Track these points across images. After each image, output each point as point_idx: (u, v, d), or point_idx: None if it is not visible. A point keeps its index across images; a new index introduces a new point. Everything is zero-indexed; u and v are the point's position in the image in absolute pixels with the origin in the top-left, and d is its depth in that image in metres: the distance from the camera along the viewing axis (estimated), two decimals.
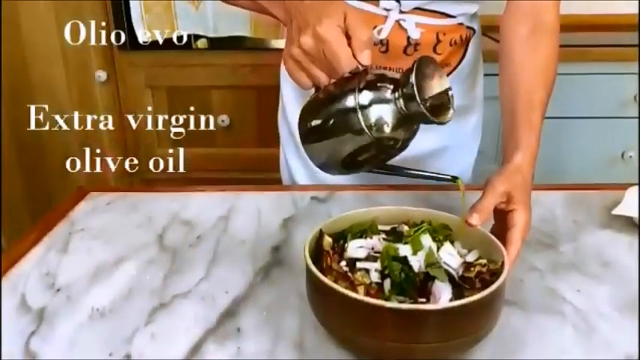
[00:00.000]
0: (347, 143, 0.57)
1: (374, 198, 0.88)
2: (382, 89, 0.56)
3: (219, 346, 0.55)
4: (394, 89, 0.55)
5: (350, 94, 0.56)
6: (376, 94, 0.55)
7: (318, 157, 0.62)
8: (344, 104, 0.56)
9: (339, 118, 0.57)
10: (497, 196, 0.61)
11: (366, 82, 0.56)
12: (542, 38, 0.75)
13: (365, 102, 0.55)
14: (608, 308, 0.62)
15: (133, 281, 0.66)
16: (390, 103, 0.55)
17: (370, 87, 0.56)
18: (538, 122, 0.69)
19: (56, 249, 0.74)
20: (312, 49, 0.55)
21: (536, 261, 0.70)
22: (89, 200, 0.88)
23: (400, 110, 0.55)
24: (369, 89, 0.55)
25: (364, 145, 0.57)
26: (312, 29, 0.55)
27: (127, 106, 1.75)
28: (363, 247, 0.57)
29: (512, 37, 0.76)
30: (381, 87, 0.56)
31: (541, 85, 0.71)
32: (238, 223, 0.80)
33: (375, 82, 0.56)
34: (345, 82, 0.57)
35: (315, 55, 0.56)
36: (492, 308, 0.51)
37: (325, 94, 0.59)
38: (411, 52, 0.82)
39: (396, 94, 0.55)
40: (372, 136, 0.56)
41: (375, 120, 0.55)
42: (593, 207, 0.85)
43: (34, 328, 0.58)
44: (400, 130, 0.57)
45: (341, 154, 0.59)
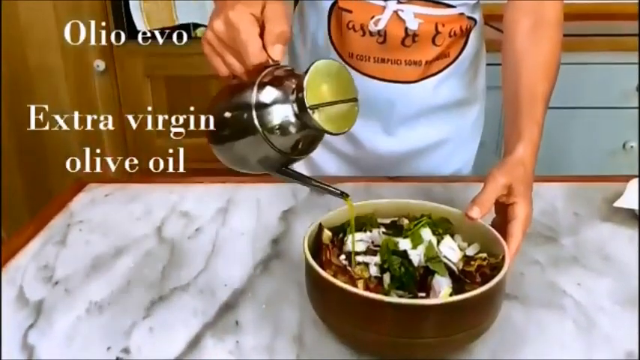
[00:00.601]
0: (243, 143, 0.53)
1: (374, 190, 0.87)
2: (284, 89, 0.51)
3: (217, 341, 0.55)
4: (293, 90, 0.50)
5: (248, 88, 0.51)
6: (275, 93, 0.51)
7: (219, 152, 0.57)
8: (242, 99, 0.52)
9: (236, 113, 0.52)
10: (498, 189, 0.60)
11: (271, 78, 0.52)
12: (545, 31, 0.74)
13: (263, 99, 0.51)
14: (609, 302, 0.61)
15: (132, 274, 0.66)
16: (287, 105, 0.50)
17: (272, 84, 0.51)
18: (541, 115, 0.68)
19: (54, 241, 0.73)
20: (223, 34, 0.53)
21: (536, 254, 0.69)
22: (87, 192, 0.87)
23: (294, 114, 0.50)
24: (270, 86, 0.51)
25: (259, 147, 0.52)
26: (225, 14, 0.52)
27: (125, 95, 1.74)
28: (362, 240, 0.57)
29: (515, 31, 0.75)
30: (284, 86, 0.51)
31: (544, 78, 0.71)
32: (237, 215, 0.80)
33: (279, 80, 0.52)
34: (251, 75, 0.53)
35: (227, 42, 0.53)
36: (492, 303, 0.50)
37: (232, 84, 0.56)
38: (409, 44, 0.81)
39: (292, 97, 0.50)
40: (265, 138, 0.51)
41: (270, 120, 0.50)
42: (594, 199, 0.84)
43: (31, 322, 0.58)
44: (294, 134, 0.51)
45: (237, 151, 0.54)
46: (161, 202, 0.83)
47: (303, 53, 0.92)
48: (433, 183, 0.89)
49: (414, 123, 0.89)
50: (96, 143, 1.73)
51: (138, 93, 1.73)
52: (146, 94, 1.73)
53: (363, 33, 0.81)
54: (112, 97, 1.74)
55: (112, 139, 1.75)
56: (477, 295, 0.47)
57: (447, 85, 0.87)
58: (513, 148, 0.65)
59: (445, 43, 0.82)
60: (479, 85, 0.94)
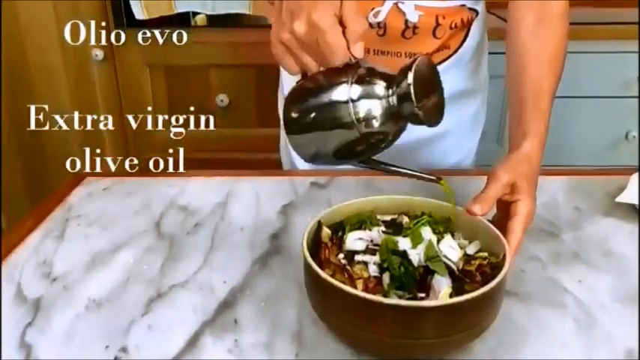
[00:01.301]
0: (333, 136, 0.56)
1: (374, 184, 0.86)
2: (374, 84, 0.54)
3: (216, 339, 0.55)
4: (387, 86, 0.54)
5: (342, 87, 0.54)
6: (368, 89, 0.54)
7: (302, 148, 0.60)
8: (335, 96, 0.54)
9: (328, 110, 0.55)
10: (500, 187, 0.59)
11: (358, 76, 0.55)
12: (550, 24, 0.73)
13: (356, 96, 0.54)
14: (610, 300, 0.61)
15: (130, 270, 0.66)
16: (382, 100, 0.54)
17: (362, 81, 0.54)
18: (546, 109, 0.67)
19: (53, 236, 0.73)
20: (306, 36, 0.53)
21: (537, 250, 0.69)
22: (86, 185, 0.87)
23: (392, 108, 0.54)
24: (361, 83, 0.54)
25: (351, 140, 0.55)
26: (306, 15, 0.52)
27: (124, 84, 1.72)
28: (362, 239, 0.56)
29: (520, 24, 0.74)
30: (373, 82, 0.55)
31: (549, 72, 0.70)
32: (236, 209, 0.80)
33: (366, 77, 0.55)
34: (336, 73, 0.55)
35: (306, 42, 0.53)
36: (492, 303, 0.50)
37: (314, 84, 0.57)
38: (410, 36, 0.80)
39: (389, 92, 0.54)
40: (360, 131, 0.54)
41: (364, 115, 0.54)
42: (596, 193, 0.83)
43: (29, 320, 0.58)
44: (388, 127, 0.56)
45: (326, 146, 0.57)
46: (160, 196, 0.83)
47: None
48: None
49: None
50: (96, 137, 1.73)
51: (137, 82, 1.71)
52: (145, 84, 1.72)
53: None
54: (112, 85, 1.72)
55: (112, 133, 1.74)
56: (476, 297, 0.46)
57: (447, 76, 0.85)
58: (519, 143, 0.64)
59: (446, 36, 0.81)
60: (480, 76, 0.93)
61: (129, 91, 1.74)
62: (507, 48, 0.76)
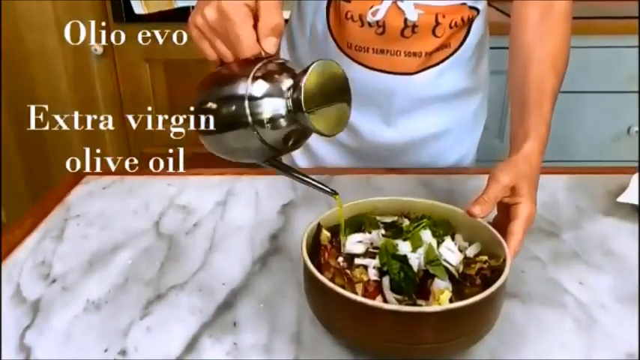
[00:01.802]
0: (233, 133, 0.52)
1: (374, 182, 0.86)
2: (279, 83, 0.50)
3: (215, 341, 0.55)
4: (290, 86, 0.50)
5: (242, 81, 0.51)
6: (269, 88, 0.50)
7: (206, 141, 0.56)
8: (234, 90, 0.51)
9: (227, 103, 0.52)
10: (501, 189, 0.59)
11: (263, 72, 0.51)
12: (554, 24, 0.72)
13: (255, 93, 0.50)
14: (610, 300, 0.61)
15: (129, 271, 0.66)
16: (281, 100, 0.50)
17: (266, 78, 0.51)
18: (548, 111, 0.67)
19: (52, 236, 0.73)
20: (216, 22, 0.51)
21: (537, 250, 0.69)
22: (85, 184, 0.86)
23: (289, 111, 0.50)
24: (264, 80, 0.50)
25: (248, 139, 0.52)
26: (217, 2, 0.51)
27: (124, 79, 1.72)
28: (361, 241, 0.56)
29: (523, 23, 0.73)
30: (279, 81, 0.50)
31: (552, 72, 0.69)
32: (236, 208, 0.79)
33: (272, 74, 0.51)
34: (244, 66, 0.52)
35: (218, 30, 0.52)
36: (492, 308, 0.50)
37: (220, 75, 0.54)
38: (409, 35, 0.79)
39: (288, 94, 0.50)
40: (256, 132, 0.51)
41: (262, 114, 0.50)
42: (597, 192, 0.83)
43: (28, 322, 0.58)
44: (288, 129, 0.51)
45: (225, 142, 0.54)
46: (159, 195, 0.83)
47: (301, 43, 0.90)
48: (434, 175, 0.88)
49: (414, 114, 0.88)
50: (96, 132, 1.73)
51: (136, 77, 1.71)
52: (145, 78, 1.71)
53: (362, 23, 0.79)
54: (111, 80, 1.72)
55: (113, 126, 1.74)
56: (476, 302, 0.46)
57: (447, 75, 0.85)
58: (520, 145, 0.64)
59: (446, 35, 0.80)
60: (481, 74, 0.92)
61: (128, 86, 1.74)
62: (510, 47, 0.76)
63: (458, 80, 0.87)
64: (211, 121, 0.53)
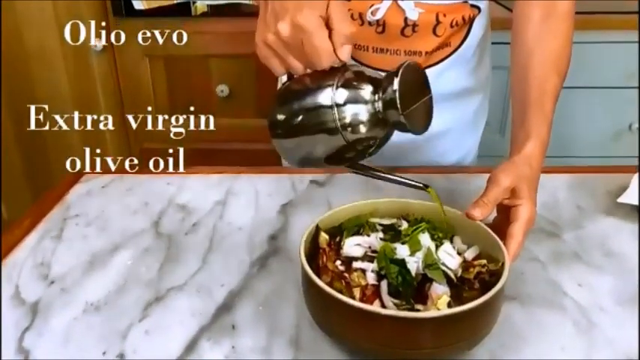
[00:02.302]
0: (317, 141, 0.55)
1: (374, 182, 0.84)
2: (360, 89, 0.53)
3: (213, 344, 0.55)
4: (374, 91, 0.52)
5: (326, 90, 0.53)
6: (354, 94, 0.53)
7: (287, 152, 0.59)
8: (319, 100, 0.53)
9: (312, 114, 0.54)
10: (500, 191, 0.59)
11: (344, 80, 0.53)
12: (556, 23, 0.72)
13: (341, 100, 0.52)
14: (610, 302, 0.61)
15: (128, 272, 0.66)
16: (368, 105, 0.52)
17: (348, 85, 0.53)
18: (550, 111, 0.66)
19: (51, 236, 0.73)
20: (290, 38, 0.52)
21: (537, 251, 0.69)
22: (84, 183, 0.86)
23: (377, 114, 0.52)
24: (346, 87, 0.53)
25: (335, 145, 0.54)
26: (291, 17, 0.51)
27: (124, 75, 1.71)
28: (359, 244, 0.56)
29: (525, 22, 0.73)
30: (360, 86, 0.53)
31: (554, 72, 0.69)
32: (235, 208, 0.79)
33: (353, 81, 0.53)
34: (322, 76, 0.54)
35: (292, 44, 0.52)
36: (490, 312, 0.50)
37: (299, 86, 0.56)
38: (409, 34, 0.78)
39: (375, 97, 0.52)
40: (344, 137, 0.53)
41: (349, 120, 0.52)
42: (598, 191, 0.83)
43: (28, 323, 0.58)
44: (375, 133, 0.54)
45: (310, 151, 0.56)
46: (158, 194, 0.82)
47: None
48: (435, 174, 0.87)
49: None
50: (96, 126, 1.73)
51: (137, 72, 1.70)
52: (145, 74, 1.71)
53: (362, 22, 0.79)
54: (111, 77, 1.71)
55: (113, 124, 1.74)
56: (474, 307, 0.46)
57: (448, 74, 0.84)
58: (521, 146, 0.63)
59: (446, 34, 0.80)
60: (482, 73, 0.91)
61: (129, 82, 1.73)
62: (512, 46, 0.75)
63: (458, 80, 0.87)
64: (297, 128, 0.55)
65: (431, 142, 0.91)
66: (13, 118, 1.75)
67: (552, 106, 0.67)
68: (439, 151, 0.92)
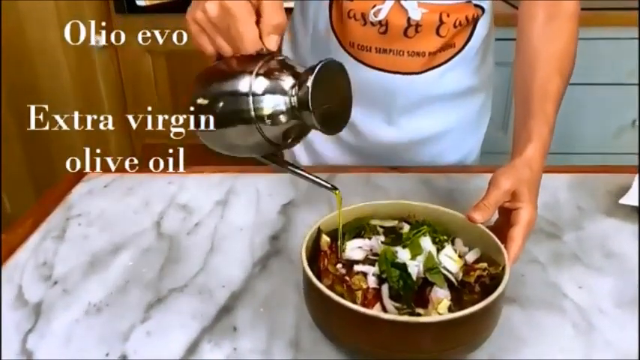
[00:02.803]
0: (232, 127, 0.53)
1: (375, 181, 0.86)
2: (280, 80, 0.51)
3: (214, 346, 0.55)
4: (293, 84, 0.51)
5: (246, 77, 0.51)
6: (273, 84, 0.51)
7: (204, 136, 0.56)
8: (237, 86, 0.51)
9: (229, 99, 0.52)
10: (501, 194, 0.59)
11: (266, 69, 0.51)
12: (561, 24, 0.71)
13: (259, 90, 0.50)
14: (610, 304, 0.61)
15: (130, 273, 0.66)
16: (285, 97, 0.50)
17: (269, 74, 0.51)
18: (552, 113, 0.66)
19: (53, 236, 0.73)
20: (217, 18, 0.51)
21: (538, 252, 0.69)
22: (86, 182, 0.86)
23: (293, 108, 0.51)
24: (266, 76, 0.51)
25: (249, 134, 0.52)
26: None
27: (126, 71, 1.71)
28: (361, 247, 0.56)
29: (530, 23, 0.72)
30: (280, 77, 0.51)
31: (557, 74, 0.68)
32: (236, 208, 0.79)
33: (275, 71, 0.51)
34: (246, 62, 0.52)
35: (219, 26, 0.52)
36: (491, 316, 0.50)
37: (224, 68, 0.54)
38: (412, 34, 0.78)
39: (292, 91, 0.50)
40: (258, 128, 0.51)
41: (264, 111, 0.50)
42: (599, 191, 0.83)
43: (30, 325, 0.58)
44: (290, 126, 0.52)
45: (225, 137, 0.54)
46: (160, 194, 0.83)
47: (304, 40, 0.89)
48: (436, 173, 0.87)
49: (417, 113, 0.87)
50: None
51: (138, 68, 1.70)
52: (147, 69, 1.71)
53: (364, 22, 0.78)
54: (113, 73, 1.71)
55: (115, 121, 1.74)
56: (474, 311, 0.46)
57: (451, 75, 0.84)
58: (522, 148, 0.63)
59: (450, 34, 0.79)
60: (486, 72, 0.91)
61: (130, 77, 1.73)
62: (517, 46, 0.75)
63: (462, 79, 0.86)
64: (211, 117, 0.53)
65: (432, 141, 0.91)
66: (15, 112, 1.75)
67: (555, 107, 0.67)
68: (440, 150, 0.92)
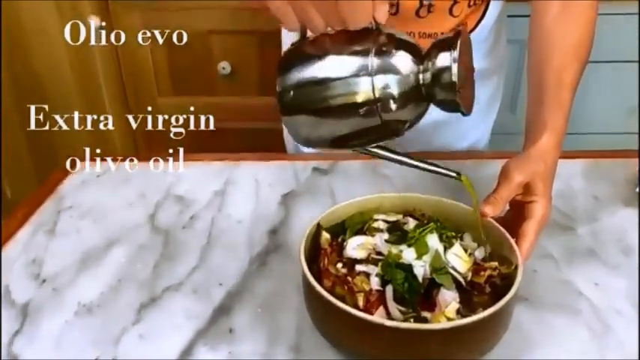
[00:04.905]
0: (343, 117, 0.45)
1: (380, 169, 0.82)
2: (402, 57, 0.44)
3: (210, 350, 0.52)
4: (417, 60, 0.44)
5: (361, 56, 0.44)
6: (394, 63, 0.44)
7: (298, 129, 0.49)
8: (352, 67, 0.44)
9: (339, 84, 0.44)
10: (513, 188, 0.55)
11: (381, 45, 0.44)
12: (577, 10, 0.66)
13: (380, 71, 0.43)
14: (627, 305, 0.57)
15: (122, 270, 0.63)
16: (410, 77, 0.44)
17: (387, 52, 0.44)
18: (568, 102, 0.62)
19: (44, 230, 0.70)
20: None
21: (551, 247, 0.65)
22: (79, 172, 0.83)
23: (421, 87, 0.44)
24: (385, 55, 0.44)
25: (366, 122, 0.45)
26: None
27: (124, 53, 1.67)
28: (363, 244, 0.53)
29: (545, 8, 0.67)
30: (400, 54, 0.44)
31: (574, 61, 0.64)
32: (235, 199, 0.76)
33: (392, 47, 0.44)
34: (352, 39, 0.44)
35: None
36: (501, 321, 0.47)
37: (318, 49, 0.46)
38: (424, 15, 0.73)
39: (420, 67, 0.44)
40: (379, 114, 0.44)
41: (388, 94, 0.43)
42: (616, 179, 0.79)
43: (17, 327, 0.55)
44: (414, 110, 0.46)
45: (330, 130, 0.47)
46: (155, 185, 0.79)
47: None
48: (444, 160, 0.83)
49: None
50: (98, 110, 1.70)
51: (137, 50, 1.65)
52: (145, 51, 1.66)
53: None
54: (111, 56, 1.67)
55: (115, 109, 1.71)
56: (485, 317, 0.43)
57: None
58: (536, 138, 0.59)
59: (464, 13, 0.74)
60: (499, 53, 0.85)
61: (129, 61, 1.69)
62: (530, 32, 0.70)
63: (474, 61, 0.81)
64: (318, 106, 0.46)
65: (442, 128, 0.86)
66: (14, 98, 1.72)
67: (571, 96, 0.62)
68: (451, 136, 0.88)
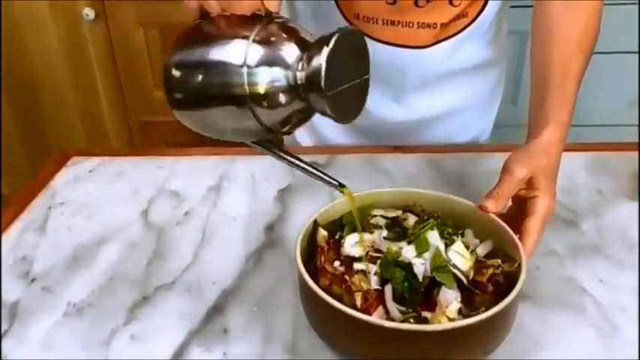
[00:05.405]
0: (217, 106, 0.43)
1: (379, 163, 0.80)
2: (285, 51, 0.41)
3: (204, 351, 0.51)
4: (300, 56, 0.41)
5: (240, 43, 0.41)
6: (274, 55, 0.41)
7: (183, 115, 0.46)
8: (228, 54, 0.41)
9: (216, 71, 0.42)
10: (515, 183, 0.54)
11: (266, 34, 0.41)
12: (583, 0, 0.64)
13: (256, 61, 0.41)
14: (633, 301, 0.56)
15: (114, 268, 0.61)
16: (289, 72, 0.41)
17: (270, 43, 0.41)
18: (572, 94, 0.60)
19: (34, 227, 0.68)
20: None
21: (554, 243, 0.63)
22: (71, 167, 0.81)
23: (298, 87, 0.41)
24: (267, 45, 0.41)
25: (239, 116, 0.42)
26: None
27: (118, 45, 1.64)
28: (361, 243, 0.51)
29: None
30: (285, 48, 0.41)
31: (579, 52, 0.62)
32: (230, 195, 0.74)
33: (278, 38, 0.42)
34: (239, 23, 0.42)
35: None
36: (504, 322, 0.45)
37: (209, 30, 0.44)
38: (423, 4, 0.71)
39: (299, 65, 0.40)
40: (252, 108, 0.42)
41: (261, 88, 0.41)
42: (620, 173, 0.77)
43: (6, 327, 0.54)
44: (293, 108, 0.42)
45: (207, 117, 0.44)
46: (149, 179, 0.77)
47: (304, 12, 0.82)
48: (444, 154, 0.81)
49: (427, 90, 0.80)
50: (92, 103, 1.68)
51: (131, 41, 1.63)
52: (140, 43, 1.64)
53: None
54: (105, 48, 1.64)
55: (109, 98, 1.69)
56: (487, 317, 0.41)
57: (464, 48, 0.77)
58: (539, 131, 0.57)
59: (464, 3, 0.72)
60: (500, 44, 0.83)
61: (123, 52, 1.66)
62: (533, 23, 0.68)
63: (475, 53, 0.79)
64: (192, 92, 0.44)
65: (443, 121, 0.84)
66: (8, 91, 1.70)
67: (575, 88, 0.60)
68: (452, 130, 0.86)
